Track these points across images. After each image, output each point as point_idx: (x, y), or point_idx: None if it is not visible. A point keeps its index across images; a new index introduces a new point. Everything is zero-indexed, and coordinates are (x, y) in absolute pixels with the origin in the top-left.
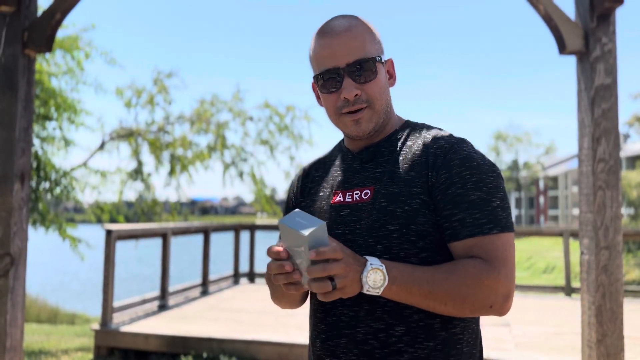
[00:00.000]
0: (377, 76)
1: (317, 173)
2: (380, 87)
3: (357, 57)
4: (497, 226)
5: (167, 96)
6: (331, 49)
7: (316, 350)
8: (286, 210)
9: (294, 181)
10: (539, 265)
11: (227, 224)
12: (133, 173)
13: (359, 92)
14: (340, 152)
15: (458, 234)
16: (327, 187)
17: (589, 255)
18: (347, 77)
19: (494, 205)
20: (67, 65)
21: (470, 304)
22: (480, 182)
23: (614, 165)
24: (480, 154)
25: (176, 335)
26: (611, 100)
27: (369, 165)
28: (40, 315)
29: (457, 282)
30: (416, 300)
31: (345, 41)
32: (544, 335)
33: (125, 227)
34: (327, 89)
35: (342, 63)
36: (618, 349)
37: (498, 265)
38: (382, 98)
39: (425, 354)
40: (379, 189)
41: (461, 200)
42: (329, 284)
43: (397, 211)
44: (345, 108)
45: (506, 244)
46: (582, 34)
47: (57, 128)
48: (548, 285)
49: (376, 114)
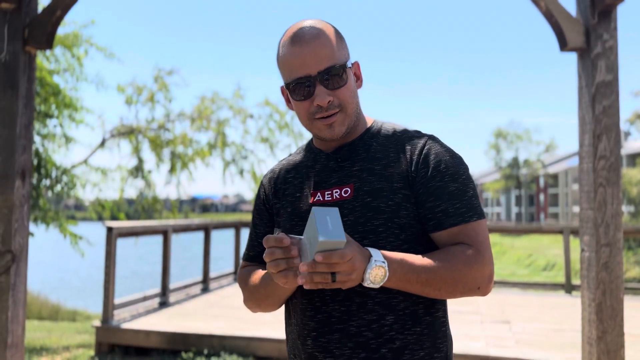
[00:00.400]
0: (347, 82)
1: (289, 175)
2: (350, 91)
3: (328, 64)
4: (475, 214)
5: (168, 94)
6: (301, 57)
7: (307, 348)
8: (257, 213)
9: (264, 183)
10: (539, 262)
11: (228, 222)
12: (134, 170)
13: (332, 98)
14: (312, 153)
15: (442, 224)
16: (305, 188)
17: (590, 253)
18: (319, 84)
19: (470, 194)
20: (67, 62)
21: (462, 287)
22: (455, 174)
23: (614, 163)
24: (450, 148)
25: (177, 332)
26: (612, 97)
27: (346, 164)
28: (42, 312)
29: (450, 268)
30: (412, 288)
31: (315, 49)
32: (544, 332)
33: (126, 224)
34: (299, 96)
35: (314, 71)
36: (618, 345)
37: (482, 250)
38: (353, 102)
39: (415, 339)
40: (360, 186)
41: (441, 192)
42: (329, 277)
43: (381, 206)
44: (318, 114)
45: (484, 230)
46: (583, 30)
47: (58, 125)
48: (548, 283)
49: (348, 117)
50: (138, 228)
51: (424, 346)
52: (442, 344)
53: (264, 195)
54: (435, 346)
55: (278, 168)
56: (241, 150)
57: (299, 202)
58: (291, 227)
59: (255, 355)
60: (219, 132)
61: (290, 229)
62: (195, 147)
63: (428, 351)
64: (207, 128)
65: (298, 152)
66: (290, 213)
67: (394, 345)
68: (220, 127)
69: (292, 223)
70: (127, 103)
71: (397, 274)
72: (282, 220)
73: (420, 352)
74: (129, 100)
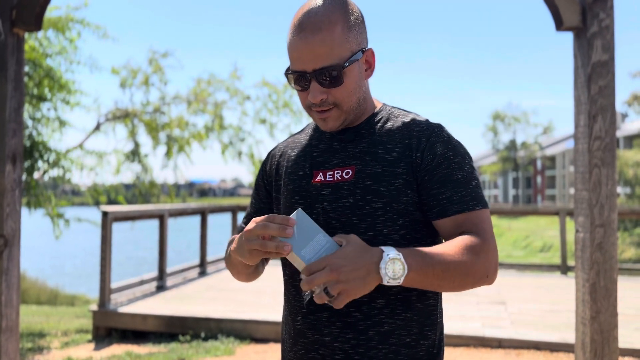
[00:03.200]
0: (343, 82)
1: (293, 152)
2: (348, 90)
3: (323, 64)
4: (480, 202)
5: (163, 76)
6: (299, 52)
7: (297, 325)
8: (256, 189)
9: (267, 159)
10: (535, 244)
11: (225, 205)
12: (130, 154)
13: (325, 96)
14: (318, 131)
15: (447, 211)
16: (307, 166)
17: (584, 233)
18: (313, 81)
19: (474, 184)
20: (60, 45)
21: (472, 277)
22: (461, 162)
23: (609, 143)
24: (456, 138)
25: (174, 315)
26: (608, 77)
27: (349, 145)
28: (40, 296)
29: (461, 258)
30: (430, 282)
31: (313, 47)
32: (539, 312)
33: (122, 208)
34: (297, 86)
35: (309, 68)
36: (612, 325)
37: (488, 238)
38: (349, 100)
39: (403, 324)
40: (362, 169)
41: (447, 179)
42: (324, 295)
43: (381, 190)
44: (313, 107)
45: (489, 219)
46: (579, 9)
47: (52, 109)
48: (544, 264)
49: (344, 113)
50: (134, 212)
51: (411, 332)
52: (430, 331)
53: (265, 171)
54: (423, 333)
55: (283, 145)
56: (239, 133)
57: (300, 181)
58: (291, 204)
59: (253, 337)
60: (216, 115)
61: (290, 206)
62: (192, 130)
63: (415, 337)
64: (203, 111)
65: (304, 130)
66: (291, 191)
67: (382, 329)
68: (217, 109)
69: (292, 201)
70: (122, 86)
71: (413, 268)
72: (283, 198)
73: (406, 338)
74: (124, 83)
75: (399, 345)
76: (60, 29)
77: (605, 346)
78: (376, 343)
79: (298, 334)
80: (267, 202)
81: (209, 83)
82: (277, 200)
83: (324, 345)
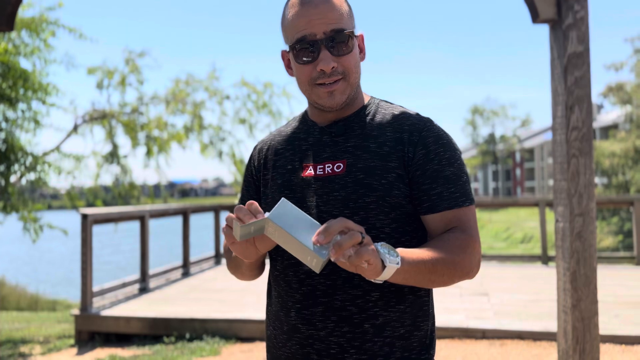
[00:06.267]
0: (352, 49)
1: (280, 146)
2: (355, 60)
3: (335, 27)
4: (468, 199)
5: (140, 76)
6: (308, 17)
7: (290, 320)
8: (245, 185)
9: (254, 154)
10: (516, 235)
11: (207, 205)
12: (108, 156)
13: (336, 64)
14: (305, 125)
15: (437, 207)
16: (296, 160)
17: (564, 223)
18: (324, 48)
19: (463, 180)
20: (34, 45)
21: (460, 271)
22: (451, 158)
23: (587, 133)
24: (447, 133)
25: (158, 317)
26: (584, 68)
27: (340, 139)
28: (20, 302)
29: (449, 253)
30: (422, 277)
31: (323, 11)
32: (522, 303)
33: (102, 210)
34: (302, 60)
35: (320, 32)
36: (592, 312)
37: (474, 234)
38: (356, 71)
39: (397, 317)
40: (354, 162)
41: (438, 175)
42: (359, 236)
43: (373, 184)
44: (320, 79)
45: (474, 215)
46: (555, 1)
47: (27, 110)
48: (526, 255)
49: (350, 86)
50: (114, 214)
51: (405, 324)
52: (423, 322)
53: (253, 166)
54: (416, 324)
55: (269, 139)
56: (219, 133)
57: (289, 175)
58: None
59: (238, 336)
60: (195, 115)
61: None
62: (171, 131)
63: (408, 329)
64: (182, 111)
65: (290, 124)
66: (280, 185)
67: (376, 322)
68: (197, 109)
69: (282, 195)
70: (99, 87)
71: (404, 262)
72: (271, 192)
73: (400, 329)
74: (100, 84)
75: (394, 337)
76: (34, 30)
77: (587, 333)
78: (371, 336)
79: (292, 329)
80: (257, 198)
81: (187, 83)
82: (265, 195)
83: (319, 340)
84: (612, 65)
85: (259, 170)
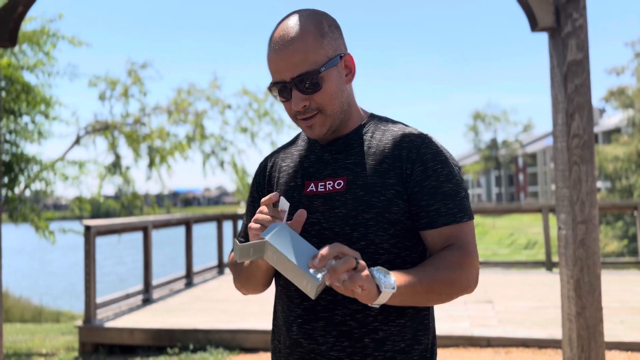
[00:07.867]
0: (322, 86)
1: (284, 163)
2: (329, 94)
3: (300, 71)
4: (466, 215)
5: (142, 87)
6: (276, 64)
7: (292, 334)
8: (251, 200)
9: (259, 170)
10: (520, 241)
11: (209, 215)
12: (111, 167)
13: (307, 102)
14: (307, 142)
15: (434, 223)
16: (298, 177)
17: (566, 230)
18: (294, 89)
19: (462, 195)
20: (37, 58)
21: (457, 288)
22: (449, 174)
23: (588, 140)
24: (445, 148)
25: (161, 328)
26: (583, 75)
27: (340, 156)
28: (24, 314)
29: (446, 271)
30: (419, 298)
31: (287, 57)
32: (526, 310)
33: (105, 222)
34: (281, 98)
35: (287, 77)
36: (597, 320)
37: (471, 250)
38: (333, 103)
39: (397, 331)
40: (353, 180)
41: (436, 191)
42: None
43: (372, 201)
44: (299, 115)
45: (472, 230)
46: (553, 10)
47: (31, 122)
48: (529, 261)
49: (329, 117)
50: (117, 225)
51: (405, 337)
52: (423, 336)
53: (258, 182)
54: (416, 338)
55: (274, 156)
56: (220, 142)
57: (292, 192)
58: None
59: (242, 347)
60: (197, 125)
61: None
62: (173, 141)
63: (409, 342)
64: (184, 121)
65: (294, 141)
66: None
67: (376, 336)
68: (198, 119)
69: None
70: (101, 99)
71: (400, 286)
72: None
73: (400, 344)
74: (103, 96)
75: (394, 351)
76: (36, 43)
77: (592, 341)
78: (371, 350)
79: (294, 344)
80: None
81: (189, 93)
82: None
83: (320, 354)
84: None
85: (264, 187)
